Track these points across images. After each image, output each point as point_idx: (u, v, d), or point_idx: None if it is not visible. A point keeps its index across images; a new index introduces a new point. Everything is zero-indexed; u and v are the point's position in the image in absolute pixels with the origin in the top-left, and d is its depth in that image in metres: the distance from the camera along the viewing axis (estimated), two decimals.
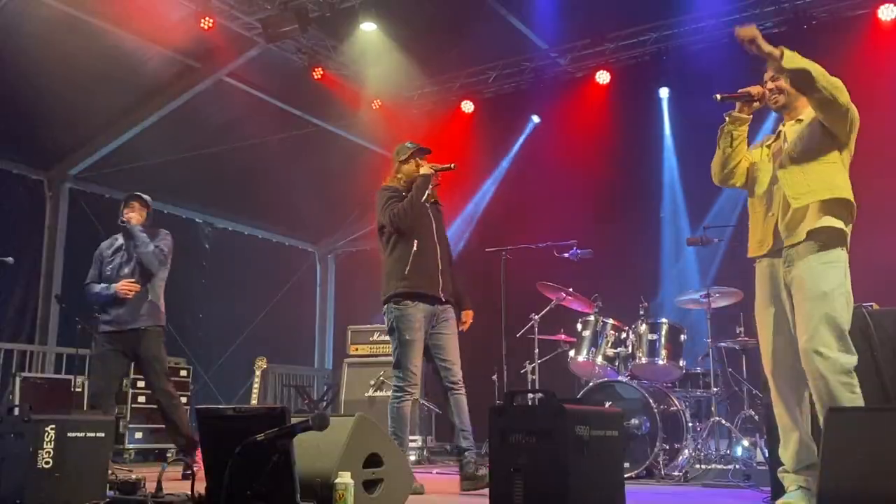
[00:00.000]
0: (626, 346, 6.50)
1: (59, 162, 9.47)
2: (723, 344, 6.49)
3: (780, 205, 3.86)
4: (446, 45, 9.42)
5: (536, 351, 7.33)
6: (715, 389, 6.30)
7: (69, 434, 3.70)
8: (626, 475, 4.56)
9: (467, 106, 10.42)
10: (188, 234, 10.81)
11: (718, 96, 4.02)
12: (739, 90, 4.04)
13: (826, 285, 3.65)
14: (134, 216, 5.83)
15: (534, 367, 7.38)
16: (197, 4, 8.12)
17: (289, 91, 9.92)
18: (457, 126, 10.53)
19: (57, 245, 9.30)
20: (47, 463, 3.60)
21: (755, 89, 4.02)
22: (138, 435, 7.76)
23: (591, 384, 6.33)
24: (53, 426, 3.64)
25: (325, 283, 13.04)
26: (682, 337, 6.47)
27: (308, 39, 9.23)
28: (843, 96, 3.71)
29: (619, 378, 6.30)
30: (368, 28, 8.95)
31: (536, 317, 7.28)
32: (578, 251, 7.45)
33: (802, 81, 3.70)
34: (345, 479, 3.19)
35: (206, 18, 8.11)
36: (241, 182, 10.55)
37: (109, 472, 4.13)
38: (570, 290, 7.03)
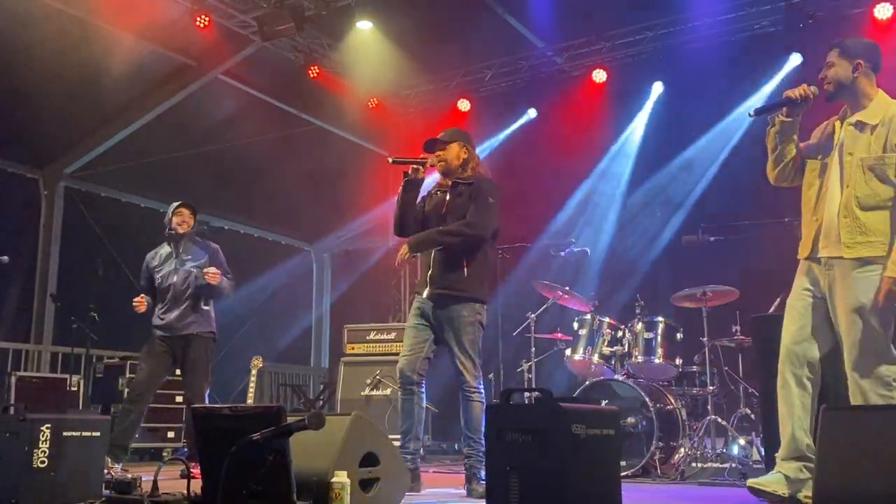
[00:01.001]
0: (622, 345, 6.50)
1: (54, 160, 9.44)
2: (719, 342, 6.49)
3: (826, 214, 3.81)
4: (442, 44, 9.41)
5: (533, 349, 7.34)
6: (711, 388, 6.31)
7: (65, 433, 3.69)
8: (622, 474, 4.56)
9: (463, 104, 10.41)
10: None
11: (752, 113, 3.98)
12: (784, 95, 3.92)
13: (865, 296, 3.62)
14: (184, 224, 5.95)
15: (530, 366, 7.38)
16: (192, 2, 8.10)
17: (285, 89, 9.90)
18: (453, 124, 10.47)
19: (52, 244, 9.27)
20: (43, 462, 3.59)
21: (796, 92, 3.90)
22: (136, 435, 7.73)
23: (587, 383, 6.33)
24: (49, 425, 3.63)
25: (322, 281, 13.02)
26: (679, 335, 6.47)
27: (304, 38, 9.22)
28: None
29: (616, 376, 6.30)
30: (364, 26, 8.94)
31: (533, 315, 7.28)
32: (575, 250, 7.45)
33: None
34: (341, 478, 3.18)
35: (202, 16, 8.10)
36: (236, 181, 10.54)
37: (105, 471, 4.12)
38: (567, 288, 7.03)
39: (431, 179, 4.99)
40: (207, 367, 5.89)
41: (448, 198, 4.81)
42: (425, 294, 4.74)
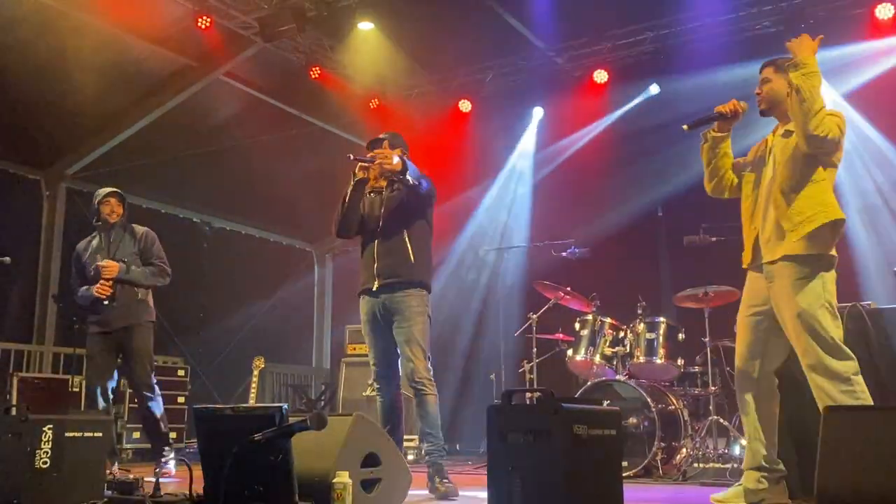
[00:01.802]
0: (624, 345, 6.50)
1: (55, 161, 9.45)
2: (721, 343, 6.49)
3: (763, 221, 3.92)
4: (443, 45, 9.41)
5: (534, 350, 7.34)
6: (713, 388, 6.31)
7: (67, 434, 3.69)
8: (624, 474, 4.56)
9: (465, 105, 10.41)
10: (186, 233, 10.79)
11: (685, 126, 4.08)
12: (715, 110, 4.08)
13: (804, 300, 3.70)
14: (112, 214, 5.78)
15: (532, 367, 7.38)
16: (194, 3, 8.10)
17: (286, 90, 9.91)
18: (454, 125, 10.53)
19: (54, 244, 9.28)
20: (45, 463, 3.60)
21: (726, 107, 4.05)
22: (136, 435, 7.75)
23: (589, 383, 6.33)
24: (51, 426, 3.63)
25: (323, 282, 13.03)
26: (680, 336, 6.47)
27: (305, 39, 9.22)
28: (827, 131, 3.68)
29: (617, 377, 6.30)
30: (366, 27, 8.95)
31: (534, 316, 7.28)
32: (576, 250, 7.45)
33: (795, 104, 3.70)
34: (343, 478, 3.18)
35: (204, 17, 8.10)
36: (238, 181, 10.55)
37: (108, 472, 4.12)
38: (568, 289, 7.03)
39: None
40: (150, 356, 5.77)
41: (384, 197, 4.86)
42: (375, 287, 4.70)
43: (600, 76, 9.48)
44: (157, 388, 5.77)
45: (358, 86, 9.91)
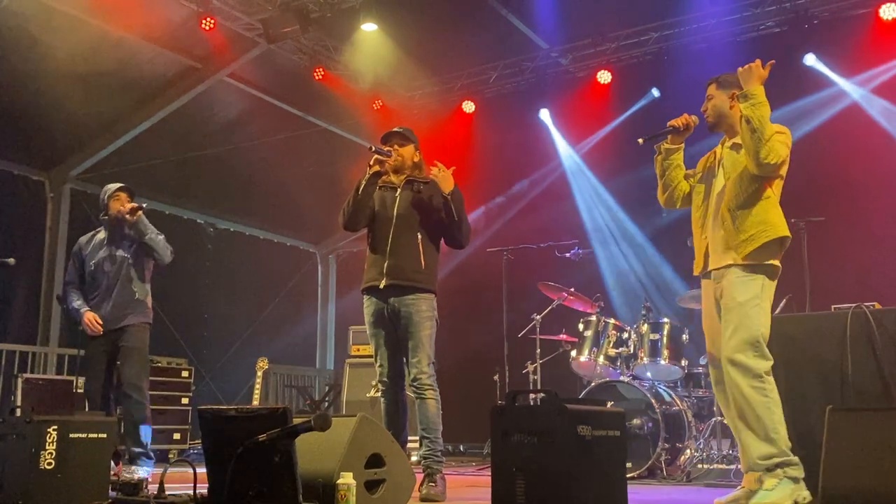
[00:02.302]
0: (627, 346, 6.50)
1: (60, 163, 9.47)
2: None
3: (713, 233, 4.03)
4: (447, 46, 9.42)
5: (538, 351, 7.33)
6: None
7: (71, 435, 3.69)
8: (628, 475, 4.56)
9: (468, 106, 10.42)
10: (190, 234, 10.81)
11: (640, 140, 4.20)
12: (668, 124, 4.19)
13: (741, 296, 3.83)
14: (122, 209, 5.54)
15: (535, 368, 7.38)
16: (198, 5, 8.12)
17: (290, 92, 9.92)
18: (458, 126, 10.53)
19: (58, 246, 9.29)
20: (49, 464, 3.60)
21: (679, 121, 4.17)
22: None
23: (592, 384, 6.33)
24: (56, 427, 3.64)
25: (327, 283, 13.04)
26: (684, 337, 6.46)
27: (309, 40, 9.24)
28: (778, 158, 3.81)
29: (621, 378, 6.30)
30: (369, 28, 8.96)
31: (538, 317, 7.28)
32: (580, 251, 7.45)
33: (746, 133, 3.83)
34: (347, 479, 3.19)
35: (208, 19, 8.11)
36: (242, 183, 10.56)
37: (112, 472, 4.13)
38: (572, 289, 7.03)
39: None
40: (145, 357, 5.57)
41: (399, 195, 4.72)
42: (382, 285, 4.60)
43: (604, 77, 9.48)
44: (146, 393, 5.49)
45: (361, 87, 9.92)
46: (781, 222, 3.92)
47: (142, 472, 5.31)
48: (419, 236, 4.64)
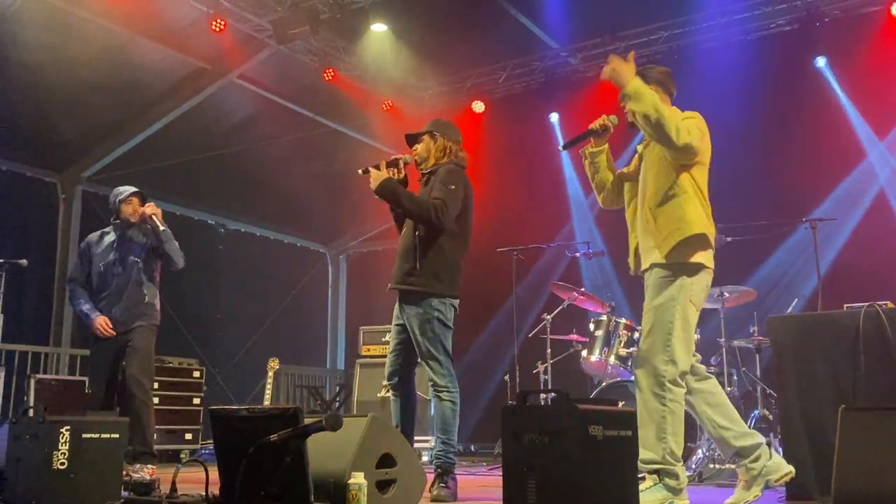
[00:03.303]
0: (638, 346, 6.47)
1: (71, 164, 9.52)
2: (736, 343, 6.46)
3: (640, 231, 4.00)
4: (456, 46, 9.42)
5: (549, 351, 7.33)
6: (729, 389, 6.27)
7: (84, 435, 3.71)
8: (639, 475, 4.54)
9: (478, 106, 10.42)
10: (201, 235, 10.85)
11: (561, 147, 4.19)
12: (589, 128, 4.17)
13: (657, 299, 3.82)
14: (135, 214, 5.60)
15: (546, 368, 7.37)
16: (208, 7, 8.15)
17: (300, 92, 9.94)
18: (467, 126, 10.52)
19: (70, 247, 9.34)
20: (62, 464, 3.62)
21: (596, 123, 4.15)
22: None
23: (603, 384, 6.31)
24: (68, 427, 3.65)
25: (337, 283, 13.06)
26: (696, 336, 6.43)
27: (319, 41, 9.25)
28: (689, 136, 3.74)
29: (632, 378, 6.27)
30: (379, 29, 8.97)
31: (549, 317, 7.27)
32: (590, 250, 7.44)
33: (647, 128, 3.80)
34: (358, 479, 3.19)
35: (218, 20, 8.14)
36: (252, 183, 10.59)
37: (124, 472, 4.14)
38: (583, 289, 7.02)
39: None
40: (150, 358, 5.54)
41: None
42: (389, 287, 4.60)
43: None
44: (150, 394, 5.48)
45: (371, 87, 9.94)
46: (698, 218, 3.82)
47: (146, 471, 5.31)
48: (417, 238, 4.51)
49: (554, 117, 10.35)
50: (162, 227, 5.54)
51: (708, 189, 3.96)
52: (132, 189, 5.69)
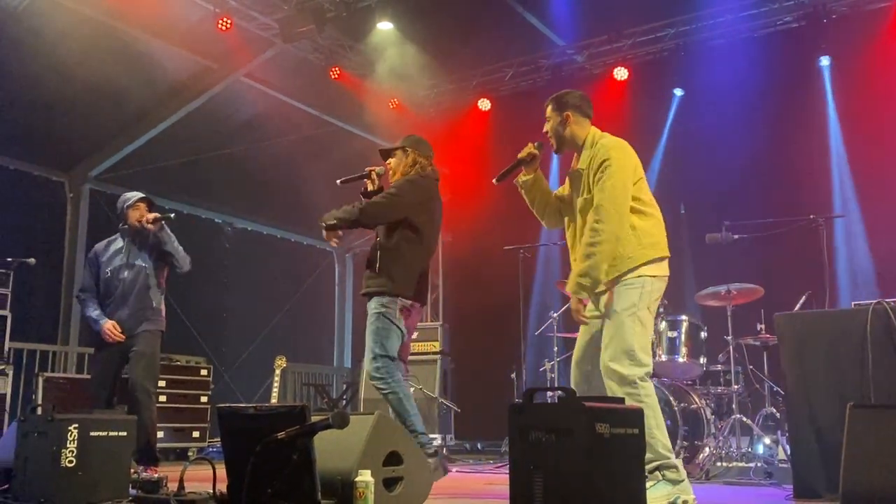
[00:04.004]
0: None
1: (79, 163, 9.55)
2: (744, 341, 6.44)
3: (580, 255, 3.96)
4: (462, 44, 9.42)
5: (555, 349, 7.33)
6: (736, 387, 6.27)
7: (92, 433, 3.72)
8: (646, 473, 4.53)
9: (484, 104, 10.41)
10: (208, 234, 10.87)
11: (495, 180, 4.25)
12: (518, 159, 4.23)
13: (619, 305, 3.84)
14: (141, 219, 5.59)
15: (553, 365, 7.37)
16: (214, 5, 8.16)
17: (306, 91, 9.95)
18: (473, 124, 10.53)
19: (78, 246, 9.37)
20: (70, 462, 3.63)
21: (524, 153, 4.22)
22: (160, 434, 7.77)
23: None
24: (76, 425, 3.67)
25: (344, 282, 13.07)
26: (703, 334, 6.43)
27: (325, 39, 9.26)
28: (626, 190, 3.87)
29: None
30: (385, 27, 8.97)
31: (555, 314, 7.26)
32: None
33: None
34: (365, 477, 3.19)
35: (224, 19, 8.15)
36: (259, 182, 10.60)
37: (132, 470, 4.15)
38: None
39: None
40: (155, 362, 5.55)
41: None
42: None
43: (620, 73, 9.45)
44: (153, 398, 5.48)
45: (377, 86, 9.93)
46: (635, 248, 3.90)
47: (149, 471, 5.34)
48: (379, 244, 4.82)
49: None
50: (154, 227, 5.53)
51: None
52: (139, 195, 5.73)
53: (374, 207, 4.77)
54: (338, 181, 5.03)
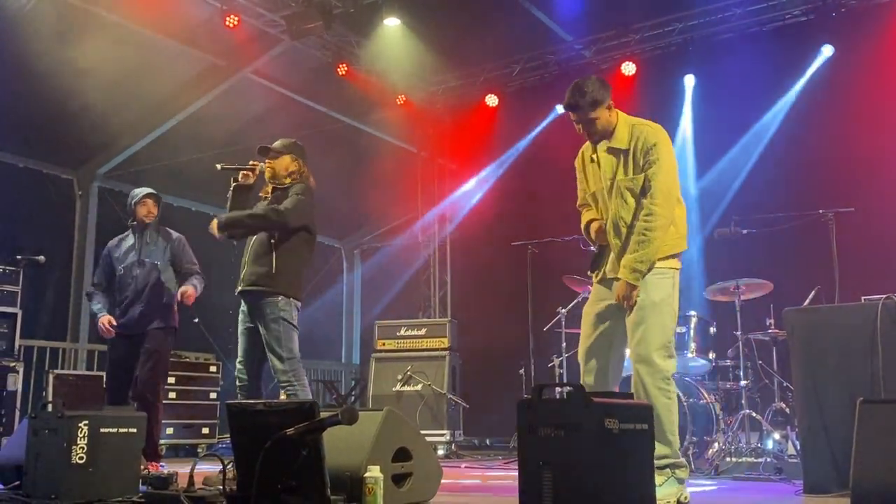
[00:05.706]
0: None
1: (87, 161, 9.58)
2: (753, 336, 6.43)
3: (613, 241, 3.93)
4: (470, 39, 9.40)
5: (564, 345, 7.32)
6: (745, 382, 6.25)
7: (102, 430, 3.74)
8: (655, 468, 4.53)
9: (491, 100, 10.39)
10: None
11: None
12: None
13: (656, 294, 3.78)
14: (150, 215, 5.74)
15: (561, 361, 7.36)
16: (222, 2, 8.16)
17: (313, 88, 9.94)
18: (481, 120, 10.51)
19: (87, 243, 9.41)
20: (81, 458, 3.65)
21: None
22: (169, 430, 7.83)
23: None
24: (87, 422, 3.69)
25: (352, 278, 13.09)
26: (712, 329, 6.42)
27: (332, 36, 9.25)
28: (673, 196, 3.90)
29: None
30: (392, 23, 8.96)
31: (563, 310, 7.26)
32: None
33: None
34: (374, 472, 3.20)
35: (231, 16, 8.15)
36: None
37: (142, 467, 4.17)
38: None
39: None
40: (165, 360, 5.62)
41: (267, 204, 4.95)
42: (238, 290, 4.88)
43: (628, 68, 9.41)
44: (161, 395, 5.57)
45: (385, 82, 9.93)
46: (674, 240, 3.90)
47: (151, 466, 5.38)
48: (272, 244, 4.90)
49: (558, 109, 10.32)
50: (189, 302, 5.73)
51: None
52: (146, 190, 5.78)
53: (298, 209, 4.87)
54: (217, 166, 5.10)
